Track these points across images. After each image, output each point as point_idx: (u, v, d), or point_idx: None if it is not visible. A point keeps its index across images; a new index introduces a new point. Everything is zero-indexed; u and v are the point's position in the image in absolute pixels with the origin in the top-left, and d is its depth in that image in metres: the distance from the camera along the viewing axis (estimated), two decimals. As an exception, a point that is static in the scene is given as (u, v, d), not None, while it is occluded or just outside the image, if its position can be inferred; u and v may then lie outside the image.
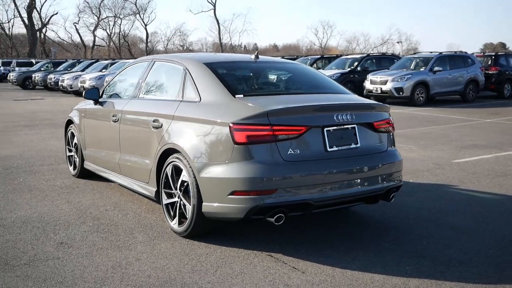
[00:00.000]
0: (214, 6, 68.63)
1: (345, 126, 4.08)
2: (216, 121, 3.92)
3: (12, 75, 30.90)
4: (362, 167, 4.09)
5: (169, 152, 4.33)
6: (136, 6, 69.06)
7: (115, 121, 5.25)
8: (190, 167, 4.02)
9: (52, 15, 63.94)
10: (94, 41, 70.33)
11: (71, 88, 23.16)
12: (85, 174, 6.27)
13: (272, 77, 5.04)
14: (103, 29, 71.28)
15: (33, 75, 29.26)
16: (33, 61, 39.98)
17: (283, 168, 3.76)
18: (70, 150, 6.62)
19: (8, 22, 66.91)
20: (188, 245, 4.08)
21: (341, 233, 4.43)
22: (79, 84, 22.06)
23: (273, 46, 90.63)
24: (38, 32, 61.38)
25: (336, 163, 3.97)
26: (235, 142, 3.74)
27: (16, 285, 3.35)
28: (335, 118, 4.00)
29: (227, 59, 5.37)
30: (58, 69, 29.64)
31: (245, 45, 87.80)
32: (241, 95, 4.09)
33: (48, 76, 26.62)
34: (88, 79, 21.42)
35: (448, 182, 6.38)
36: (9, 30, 63.94)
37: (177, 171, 4.22)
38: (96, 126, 5.78)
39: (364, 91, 18.10)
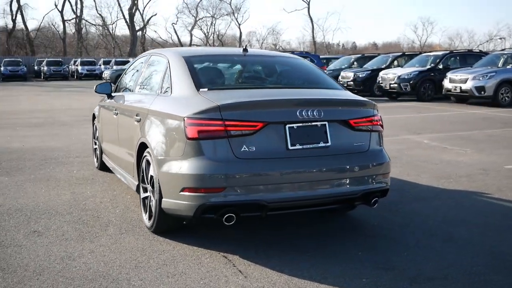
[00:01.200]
0: (308, 4, 68.33)
1: (314, 123, 3.79)
2: (175, 115, 3.82)
3: (106, 73, 32.81)
4: (331, 168, 3.78)
5: (144, 146, 4.30)
6: (230, 6, 70.72)
7: (115, 115, 5.33)
8: (154, 161, 3.96)
9: (152, 16, 67.40)
10: (191, 40, 72.83)
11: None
12: (105, 166, 6.45)
13: (256, 71, 4.83)
14: (200, 29, 73.89)
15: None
16: (131, 59, 42.22)
17: (234, 165, 3.56)
18: (95, 143, 6.85)
19: (112, 24, 71.43)
20: (151, 241, 4.02)
21: (319, 238, 4.12)
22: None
23: (372, 45, 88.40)
24: (139, 32, 64.89)
25: (298, 163, 3.69)
26: (187, 137, 3.61)
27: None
28: (298, 114, 3.72)
29: (213, 52, 5.25)
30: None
31: (343, 44, 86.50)
32: (206, 89, 3.94)
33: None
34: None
35: (483, 189, 5.76)
36: (113, 31, 68.35)
37: (148, 165, 4.18)
38: (107, 120, 5.91)
39: (443, 90, 17.03)
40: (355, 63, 24.40)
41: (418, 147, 8.54)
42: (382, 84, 19.48)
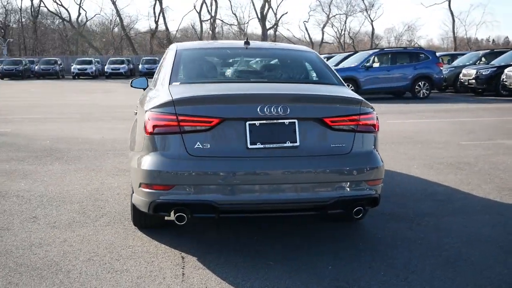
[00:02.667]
0: (449, -3, 64.02)
1: (280, 121, 3.45)
2: (143, 109, 3.75)
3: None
4: (298, 171, 3.41)
5: None
6: (364, 2, 68.97)
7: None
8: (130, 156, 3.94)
9: (282, 15, 68.17)
10: (322, 38, 72.55)
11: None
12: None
13: (249, 65, 4.56)
14: (332, 26, 73.24)
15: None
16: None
17: (185, 163, 3.37)
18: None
19: (245, 23, 73.64)
20: (127, 236, 3.98)
21: (294, 250, 3.73)
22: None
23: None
24: (271, 31, 66.22)
25: (258, 163, 3.39)
26: (146, 131, 3.51)
27: None
28: (259, 110, 3.39)
29: (213, 46, 5.06)
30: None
31: (493, 39, 79.77)
32: (178, 83, 3.81)
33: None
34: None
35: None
36: (245, 30, 70.51)
37: None
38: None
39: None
40: (482, 59, 22.27)
41: (507, 153, 7.51)
42: (506, 82, 17.54)
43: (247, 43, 4.49)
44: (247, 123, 3.41)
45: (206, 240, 3.90)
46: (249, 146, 3.40)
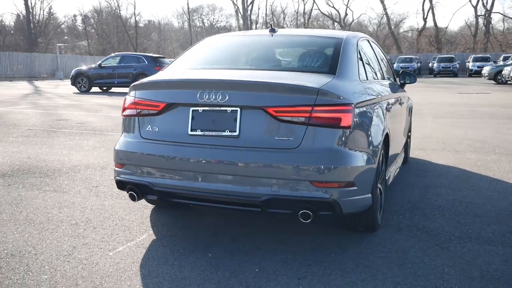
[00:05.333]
0: None
1: (223, 108, 3.24)
2: None
3: (485, 69, 30.81)
4: (234, 162, 3.15)
5: None
6: None
7: None
8: None
9: None
10: None
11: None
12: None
13: (260, 52, 4.20)
14: None
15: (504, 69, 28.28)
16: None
17: (136, 145, 3.45)
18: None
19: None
20: (104, 205, 4.24)
21: (272, 252, 3.37)
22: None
23: None
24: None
25: (195, 150, 3.23)
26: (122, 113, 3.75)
27: None
28: (198, 96, 3.23)
29: (241, 34, 4.78)
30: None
31: None
32: (165, 68, 3.92)
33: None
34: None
35: None
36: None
37: None
38: None
39: None
40: None
41: None
42: None
43: (272, 30, 4.28)
44: (191, 109, 3.32)
45: (195, 233, 3.88)
46: (190, 133, 3.30)
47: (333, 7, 78.05)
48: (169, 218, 4.10)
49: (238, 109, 3.19)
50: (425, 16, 62.81)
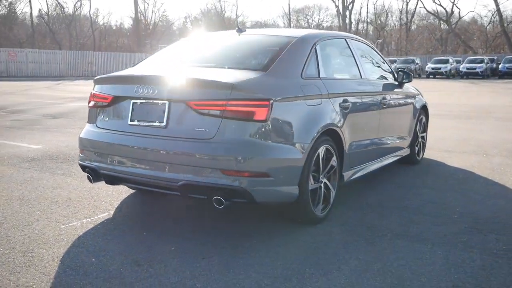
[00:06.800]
0: None
1: (156, 101, 3.57)
2: None
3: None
4: (159, 149, 3.48)
5: None
6: None
7: None
8: None
9: None
10: None
11: None
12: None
13: (216, 51, 4.41)
14: None
15: None
16: None
17: (91, 133, 3.90)
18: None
19: None
20: (89, 189, 4.67)
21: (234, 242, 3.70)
22: None
23: None
24: None
25: (131, 138, 3.62)
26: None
27: None
28: (135, 90, 3.63)
29: (212, 34, 4.96)
30: None
31: None
32: (134, 65, 4.32)
33: None
34: None
35: None
36: None
37: None
38: None
39: None
40: None
41: None
42: None
43: (239, 30, 4.53)
44: (132, 101, 3.71)
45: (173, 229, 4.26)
46: (129, 123, 3.69)
47: (440, 4, 74.17)
48: (140, 203, 4.51)
49: (167, 102, 3.52)
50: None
